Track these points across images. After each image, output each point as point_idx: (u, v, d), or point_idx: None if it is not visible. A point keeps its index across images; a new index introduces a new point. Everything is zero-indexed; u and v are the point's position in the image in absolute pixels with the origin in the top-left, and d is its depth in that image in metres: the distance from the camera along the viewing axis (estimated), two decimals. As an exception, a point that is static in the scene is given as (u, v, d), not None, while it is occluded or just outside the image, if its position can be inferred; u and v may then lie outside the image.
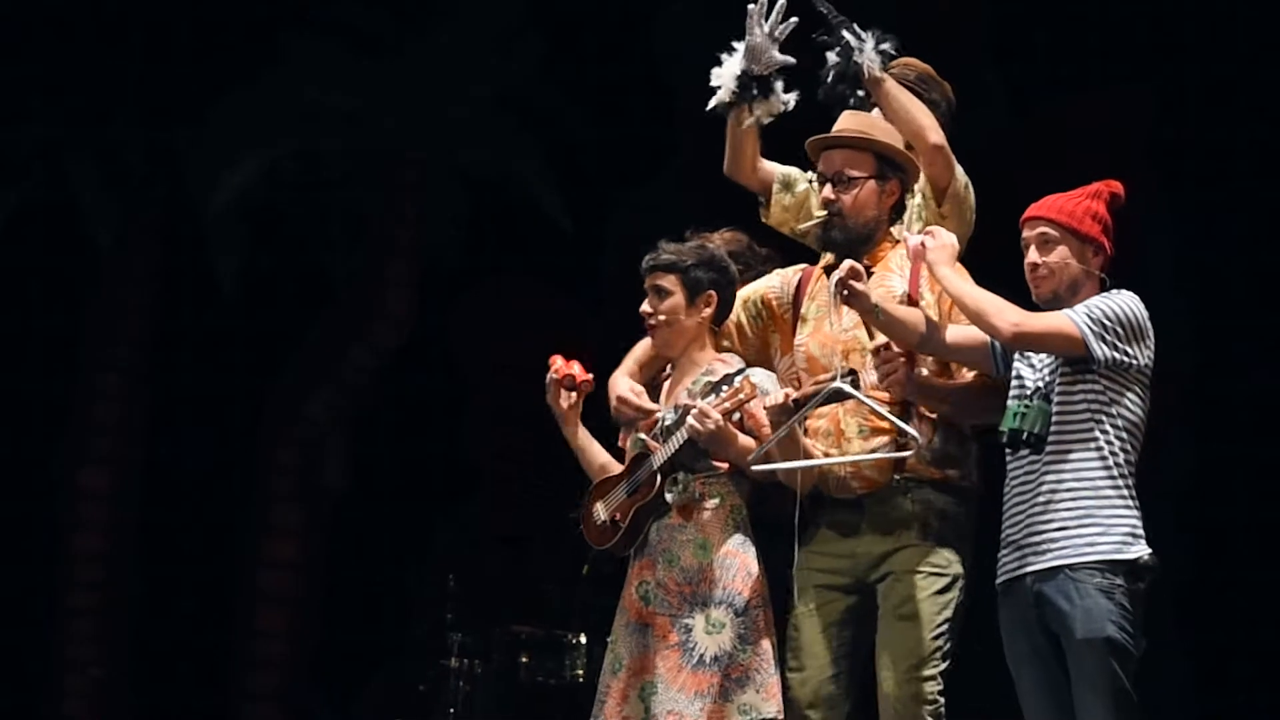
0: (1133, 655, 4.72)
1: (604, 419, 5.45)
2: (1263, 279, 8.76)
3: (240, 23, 10.42)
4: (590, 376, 5.42)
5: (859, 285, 4.87)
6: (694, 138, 5.57)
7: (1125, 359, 4.79)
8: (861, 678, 5.14)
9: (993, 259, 5.08)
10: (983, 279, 5.02)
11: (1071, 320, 4.77)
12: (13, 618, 10.83)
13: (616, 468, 5.39)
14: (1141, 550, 4.74)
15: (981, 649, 5.06)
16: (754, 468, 5.01)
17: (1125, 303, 4.83)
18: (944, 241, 4.95)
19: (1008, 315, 4.79)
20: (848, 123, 5.27)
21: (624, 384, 5.33)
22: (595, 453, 5.45)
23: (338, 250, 10.92)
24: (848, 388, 4.91)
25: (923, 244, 4.96)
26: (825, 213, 5.20)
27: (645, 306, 5.28)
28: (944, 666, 5.04)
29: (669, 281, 5.26)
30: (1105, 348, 4.76)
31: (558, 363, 5.43)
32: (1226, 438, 8.83)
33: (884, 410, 5.00)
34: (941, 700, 5.03)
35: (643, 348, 5.44)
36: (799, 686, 5.13)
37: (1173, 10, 8.78)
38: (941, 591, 5.05)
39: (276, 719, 10.92)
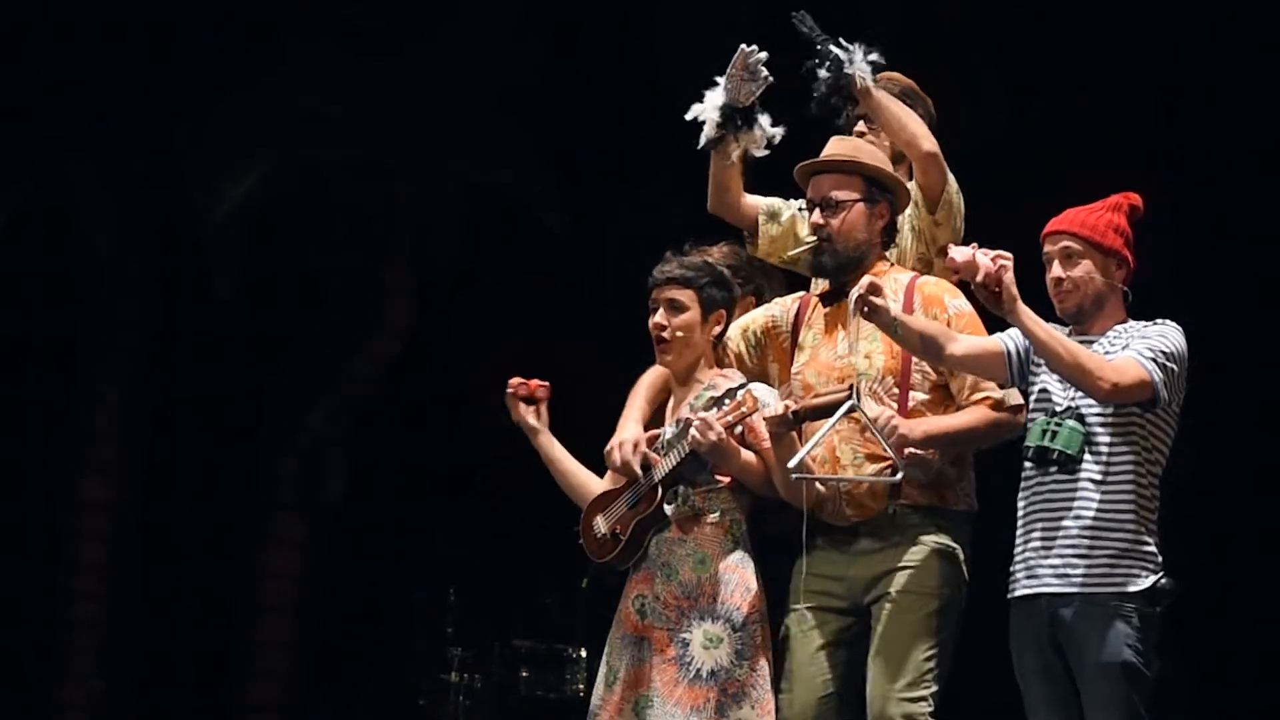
0: (1148, 679, 4.72)
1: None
2: (1263, 279, 8.76)
3: (240, 23, 10.41)
4: (546, 383, 5.43)
5: (878, 300, 4.85)
6: (694, 138, 5.56)
7: (1173, 396, 4.78)
8: (854, 701, 5.13)
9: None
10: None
11: (1144, 368, 4.70)
12: (13, 628, 10.82)
13: (588, 478, 5.40)
14: (1156, 577, 4.73)
15: (983, 667, 5.06)
16: (794, 476, 5.00)
17: (1178, 340, 4.79)
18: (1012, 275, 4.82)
19: (1108, 375, 4.69)
20: (835, 148, 5.28)
21: (629, 432, 5.28)
22: (567, 464, 5.46)
23: (337, 254, 10.90)
24: (858, 402, 4.90)
25: (1001, 268, 4.78)
26: (815, 238, 5.21)
27: (659, 319, 5.26)
28: (935, 689, 5.04)
29: (686, 296, 5.25)
30: (1166, 391, 4.74)
31: (515, 381, 5.46)
32: (1227, 438, 8.83)
33: (886, 442, 4.99)
34: (933, 721, 5.05)
35: (646, 384, 5.42)
36: (788, 708, 5.12)
37: (1173, 10, 8.78)
38: (935, 614, 5.05)
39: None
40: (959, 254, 4.88)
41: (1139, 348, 4.75)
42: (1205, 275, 8.87)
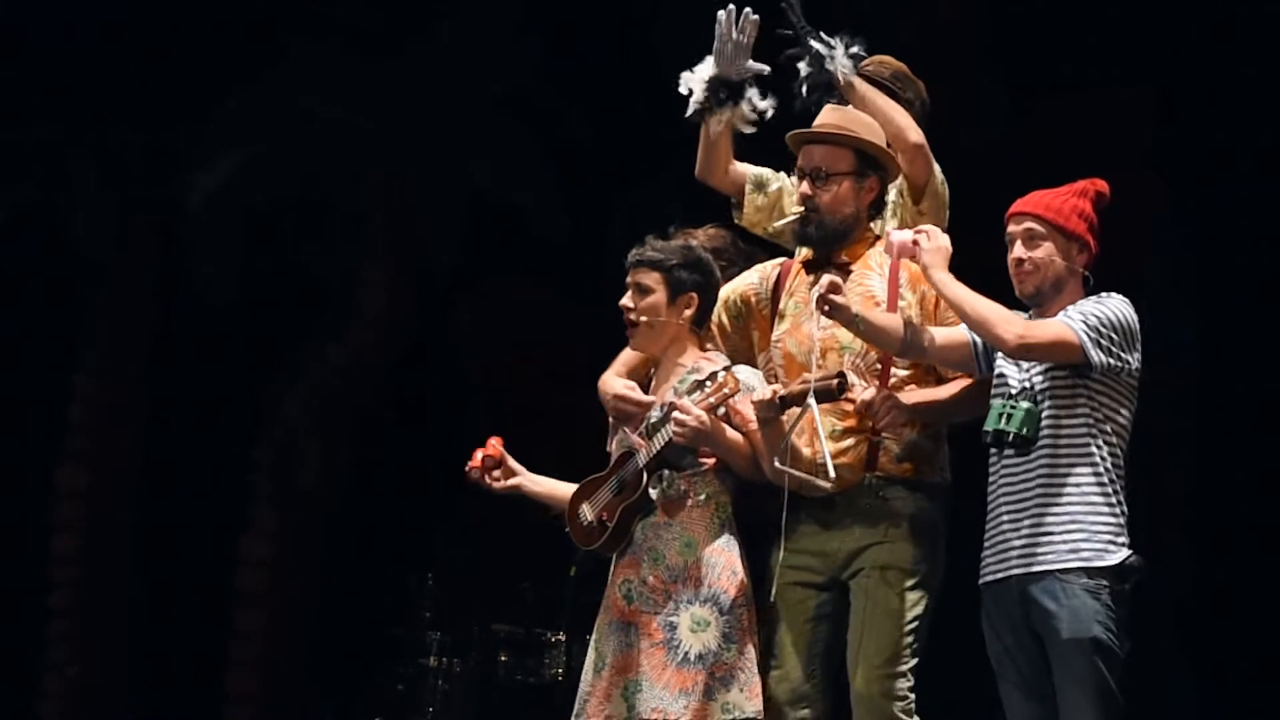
0: (1118, 656, 4.74)
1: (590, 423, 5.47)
2: (1263, 279, 8.76)
3: (240, 23, 10.41)
4: (494, 445, 5.46)
5: (839, 298, 4.89)
6: (695, 138, 5.57)
7: (1119, 364, 4.80)
8: (837, 675, 5.16)
9: (991, 260, 5.08)
10: (980, 280, 5.02)
11: (1070, 328, 4.78)
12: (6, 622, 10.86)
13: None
14: (1124, 554, 4.76)
15: (955, 645, 5.08)
16: (779, 467, 5.01)
17: (1118, 308, 4.84)
18: (939, 244, 4.94)
19: (1014, 328, 4.78)
20: (829, 118, 5.28)
21: (618, 382, 5.32)
22: (557, 493, 5.48)
23: (335, 254, 10.90)
24: (813, 404, 4.92)
25: (915, 242, 4.96)
26: (801, 208, 5.22)
27: (625, 301, 5.29)
28: (914, 663, 5.06)
29: (652, 279, 5.26)
30: (1101, 354, 4.77)
31: (471, 466, 5.52)
32: (1227, 438, 8.83)
33: (826, 438, 5.00)
34: (912, 696, 5.05)
35: (622, 359, 5.45)
36: (777, 684, 5.14)
37: (1173, 10, 8.78)
38: (913, 588, 5.08)
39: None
40: (896, 235, 4.99)
41: (1071, 313, 4.81)
42: (1205, 275, 8.88)
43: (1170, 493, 8.79)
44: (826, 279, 4.95)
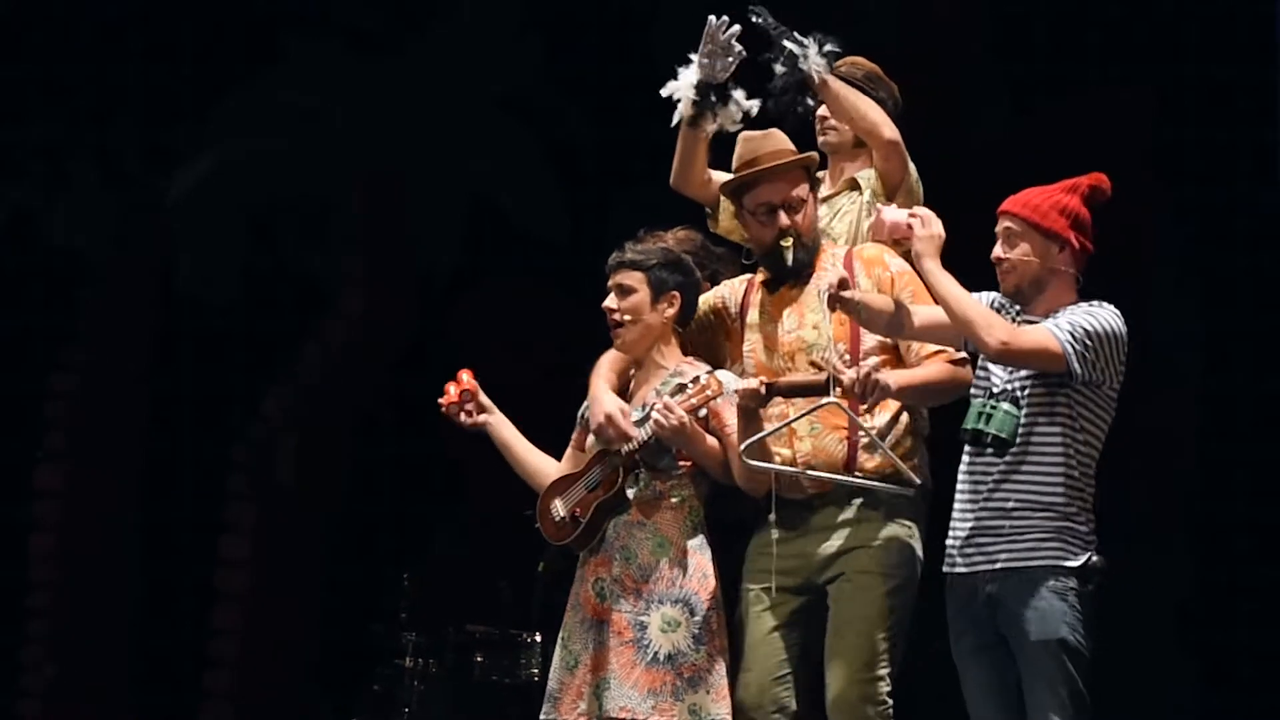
0: (1085, 657, 4.76)
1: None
2: (1263, 279, 8.75)
3: (240, 23, 10.41)
4: (465, 377, 5.48)
5: (847, 293, 4.92)
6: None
7: (1100, 377, 4.80)
8: (809, 681, 5.16)
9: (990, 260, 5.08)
10: (979, 280, 5.03)
11: (1055, 337, 4.77)
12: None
13: (544, 461, 5.44)
14: (1086, 556, 4.77)
15: (936, 647, 5.09)
16: (748, 460, 5.02)
17: (1108, 320, 4.83)
18: (933, 231, 4.94)
19: (996, 333, 4.77)
20: (765, 145, 5.31)
21: (611, 403, 5.31)
22: (521, 448, 5.53)
23: (331, 253, 10.89)
24: (841, 403, 4.93)
25: (909, 225, 4.95)
26: (789, 241, 5.23)
27: (608, 302, 5.33)
28: (892, 668, 5.08)
29: (634, 279, 5.33)
30: (1085, 366, 4.76)
31: (450, 392, 5.51)
32: (1227, 438, 8.82)
33: (874, 436, 5.03)
34: (890, 702, 5.07)
35: (607, 363, 5.47)
36: (743, 689, 5.16)
37: (1173, 10, 8.78)
38: (892, 593, 5.10)
39: (231, 718, 10.88)
40: (889, 214, 5.00)
41: (1060, 322, 4.80)
42: (1205, 275, 8.87)
43: (1171, 493, 8.79)
44: (836, 275, 5.01)
